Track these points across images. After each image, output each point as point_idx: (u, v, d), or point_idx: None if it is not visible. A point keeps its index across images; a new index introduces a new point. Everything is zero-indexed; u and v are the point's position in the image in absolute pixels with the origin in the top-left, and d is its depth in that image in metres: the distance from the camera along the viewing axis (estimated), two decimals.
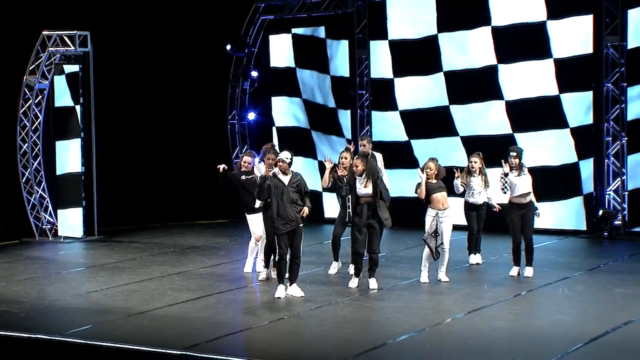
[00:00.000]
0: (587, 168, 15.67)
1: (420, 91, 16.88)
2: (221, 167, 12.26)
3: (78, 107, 16.45)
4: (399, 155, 16.98)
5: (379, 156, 13.20)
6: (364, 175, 11.22)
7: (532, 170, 14.00)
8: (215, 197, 18.77)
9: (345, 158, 12.23)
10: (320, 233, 16.47)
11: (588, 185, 15.64)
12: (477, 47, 16.20)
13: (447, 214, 11.59)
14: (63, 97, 16.55)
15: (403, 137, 17.15)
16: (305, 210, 10.84)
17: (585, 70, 15.42)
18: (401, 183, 16.04)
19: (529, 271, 11.94)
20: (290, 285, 10.91)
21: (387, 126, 17.32)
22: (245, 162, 12.52)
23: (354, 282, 11.46)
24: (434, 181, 11.67)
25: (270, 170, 11.17)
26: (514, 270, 12.05)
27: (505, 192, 11.96)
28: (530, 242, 11.93)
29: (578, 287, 11.27)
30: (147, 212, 18.36)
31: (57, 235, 16.58)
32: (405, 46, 16.96)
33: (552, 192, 15.37)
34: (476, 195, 12.93)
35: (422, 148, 16.88)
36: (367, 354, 8.31)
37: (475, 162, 12.97)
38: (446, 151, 16.45)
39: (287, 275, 10.88)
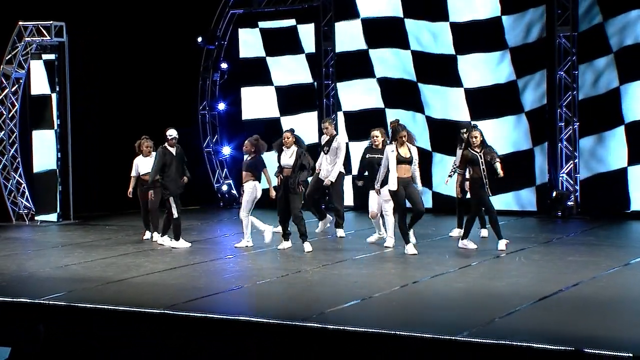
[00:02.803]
0: (541, 154, 16.01)
1: (392, 62, 17.16)
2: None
3: (54, 95, 16.51)
4: (371, 125, 17.30)
5: (342, 143, 13.75)
6: (292, 148, 12.21)
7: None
8: (187, 186, 18.90)
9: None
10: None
11: (542, 171, 15.93)
12: (437, 38, 16.56)
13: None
14: (40, 85, 16.60)
15: (379, 104, 17.36)
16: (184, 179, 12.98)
17: (539, 54, 15.81)
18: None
19: (484, 232, 12.96)
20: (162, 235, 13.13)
21: (364, 94, 17.47)
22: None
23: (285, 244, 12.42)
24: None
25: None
26: (483, 232, 13.03)
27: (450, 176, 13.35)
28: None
29: (534, 256, 11.59)
30: (122, 199, 18.39)
31: (33, 219, 16.64)
32: (376, 23, 17.18)
33: (509, 180, 15.51)
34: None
35: (393, 118, 17.21)
36: (337, 310, 8.54)
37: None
38: (413, 127, 16.86)
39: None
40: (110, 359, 8.21)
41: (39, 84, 16.60)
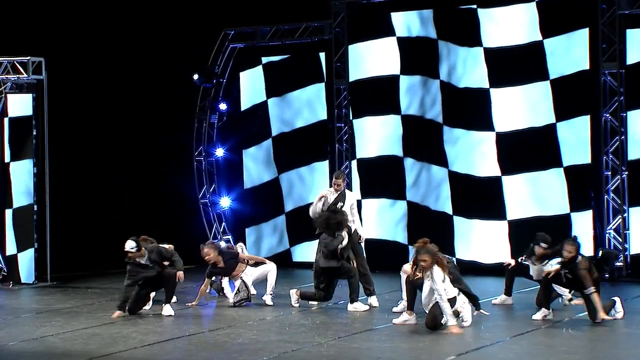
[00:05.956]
0: (580, 221, 15.57)
1: (420, 95, 16.87)
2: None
3: (13, 165, 16.26)
4: (387, 178, 16.99)
5: (353, 197, 13.45)
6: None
7: (522, 222, 15.16)
8: (180, 242, 18.54)
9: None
10: (292, 277, 16.49)
11: (582, 233, 15.12)
12: (470, 66, 16.32)
13: None
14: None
15: (398, 151, 17.07)
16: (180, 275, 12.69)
17: (583, 91, 15.54)
18: (384, 218, 16.34)
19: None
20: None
21: (385, 134, 17.18)
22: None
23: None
24: None
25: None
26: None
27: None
28: None
29: (583, 328, 11.16)
30: (106, 258, 18.07)
31: (5, 281, 16.26)
32: (410, 43, 16.90)
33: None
34: None
35: (413, 172, 16.91)
36: None
37: None
38: (432, 184, 16.62)
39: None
40: None
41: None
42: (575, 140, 15.62)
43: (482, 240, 16.34)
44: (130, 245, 12.48)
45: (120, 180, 18.44)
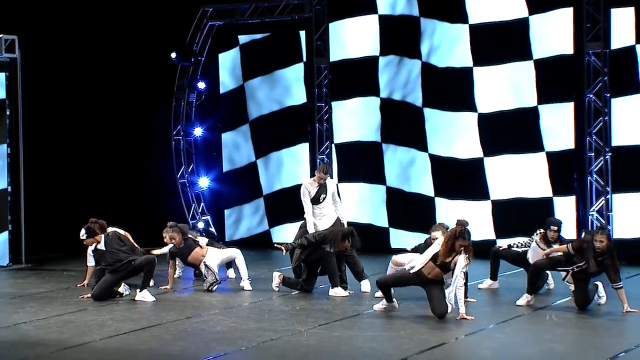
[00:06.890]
0: (562, 205, 15.43)
1: (399, 76, 16.58)
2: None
3: None
4: (366, 161, 16.73)
5: (333, 185, 13.41)
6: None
7: (505, 203, 15.22)
8: (157, 222, 18.29)
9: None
10: (271, 259, 16.32)
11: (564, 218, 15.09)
12: (454, 45, 16.05)
13: None
14: None
15: (376, 137, 16.78)
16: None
17: (567, 75, 15.33)
18: (363, 201, 16.07)
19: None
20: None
21: (363, 119, 16.91)
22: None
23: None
24: None
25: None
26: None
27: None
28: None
29: (567, 315, 11.00)
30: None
31: None
32: (393, 21, 16.57)
33: (526, 228, 14.17)
34: None
35: (393, 157, 16.62)
36: None
37: None
38: (415, 170, 16.40)
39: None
40: None
41: None
42: (559, 123, 15.47)
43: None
44: (81, 232, 12.43)
45: (97, 159, 18.10)
